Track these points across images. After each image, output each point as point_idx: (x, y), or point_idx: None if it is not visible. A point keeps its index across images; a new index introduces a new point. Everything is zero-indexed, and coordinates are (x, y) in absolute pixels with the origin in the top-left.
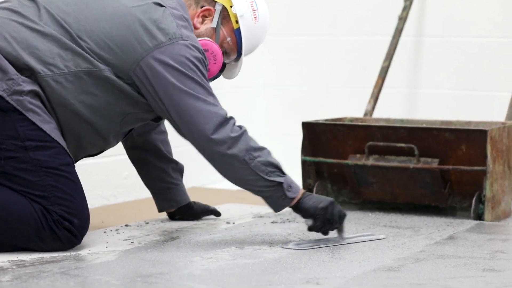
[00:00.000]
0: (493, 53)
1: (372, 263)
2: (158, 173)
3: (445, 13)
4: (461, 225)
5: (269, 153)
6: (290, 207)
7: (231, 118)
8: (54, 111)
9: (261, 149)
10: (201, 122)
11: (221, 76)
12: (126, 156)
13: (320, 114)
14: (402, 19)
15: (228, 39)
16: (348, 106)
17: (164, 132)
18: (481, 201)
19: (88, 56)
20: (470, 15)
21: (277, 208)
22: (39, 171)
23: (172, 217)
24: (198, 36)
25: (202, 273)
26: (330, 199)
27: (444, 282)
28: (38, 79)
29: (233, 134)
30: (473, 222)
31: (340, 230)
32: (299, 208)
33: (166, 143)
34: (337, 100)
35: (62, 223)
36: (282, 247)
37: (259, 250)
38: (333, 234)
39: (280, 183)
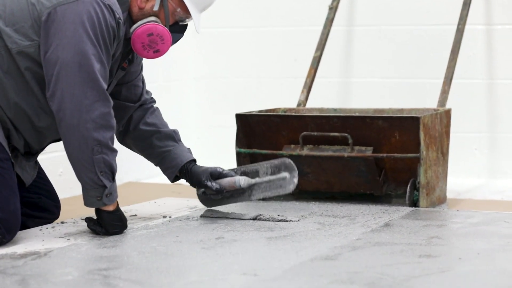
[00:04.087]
0: (424, 41)
1: (309, 252)
2: (149, 149)
3: (376, 2)
4: (397, 212)
5: (114, 157)
6: (96, 209)
7: (107, 96)
8: None
9: (112, 150)
10: (84, 87)
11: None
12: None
13: (254, 105)
14: (333, 9)
15: (178, 9)
16: (281, 97)
17: (149, 107)
18: (415, 188)
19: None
20: (401, 4)
21: (88, 203)
22: None
23: (191, 181)
24: (143, 15)
25: (139, 268)
26: (122, 228)
27: (381, 269)
28: None
29: (101, 120)
30: (409, 209)
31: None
32: (100, 216)
33: (145, 119)
34: (270, 91)
35: None
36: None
37: (196, 243)
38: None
39: (104, 187)
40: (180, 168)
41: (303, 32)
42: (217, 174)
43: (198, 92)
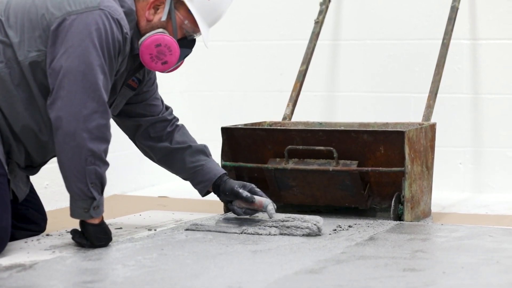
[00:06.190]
0: (409, 55)
1: (294, 266)
2: (180, 165)
3: (361, 17)
4: (381, 226)
5: (106, 170)
6: (80, 222)
7: (106, 108)
8: (2, 111)
9: (104, 163)
10: (85, 96)
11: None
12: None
13: (239, 119)
14: (319, 23)
15: (186, 21)
16: (267, 111)
17: (174, 127)
18: (400, 201)
19: (12, 44)
20: (386, 18)
21: (75, 214)
22: None
23: (219, 196)
24: (152, 28)
25: (124, 281)
26: (107, 240)
27: (365, 283)
28: None
29: (97, 131)
30: (393, 223)
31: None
32: (85, 229)
33: (173, 137)
34: (256, 104)
35: None
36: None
37: (181, 256)
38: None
39: (93, 198)
40: (214, 181)
41: (289, 46)
42: (249, 188)
43: (183, 105)
